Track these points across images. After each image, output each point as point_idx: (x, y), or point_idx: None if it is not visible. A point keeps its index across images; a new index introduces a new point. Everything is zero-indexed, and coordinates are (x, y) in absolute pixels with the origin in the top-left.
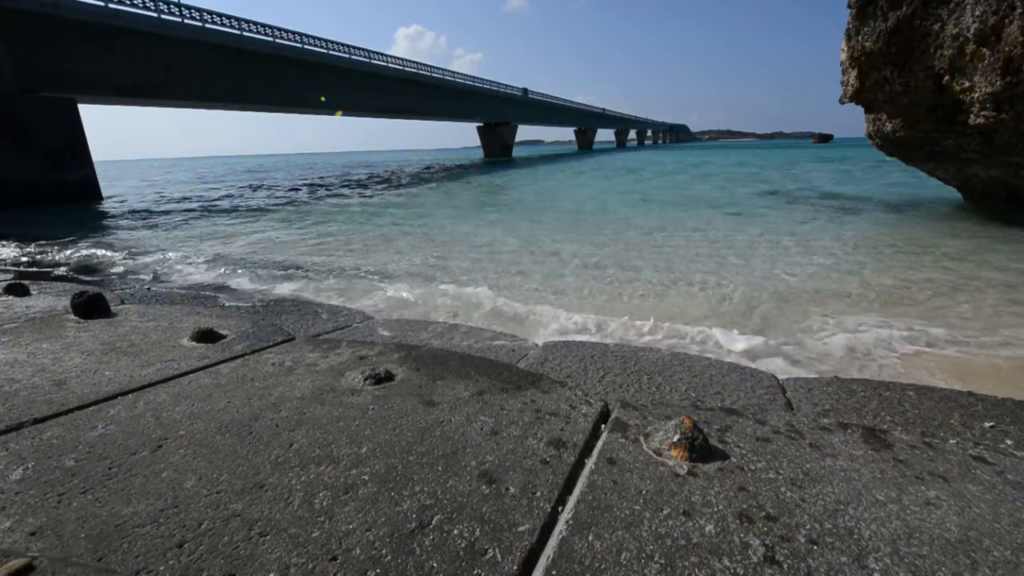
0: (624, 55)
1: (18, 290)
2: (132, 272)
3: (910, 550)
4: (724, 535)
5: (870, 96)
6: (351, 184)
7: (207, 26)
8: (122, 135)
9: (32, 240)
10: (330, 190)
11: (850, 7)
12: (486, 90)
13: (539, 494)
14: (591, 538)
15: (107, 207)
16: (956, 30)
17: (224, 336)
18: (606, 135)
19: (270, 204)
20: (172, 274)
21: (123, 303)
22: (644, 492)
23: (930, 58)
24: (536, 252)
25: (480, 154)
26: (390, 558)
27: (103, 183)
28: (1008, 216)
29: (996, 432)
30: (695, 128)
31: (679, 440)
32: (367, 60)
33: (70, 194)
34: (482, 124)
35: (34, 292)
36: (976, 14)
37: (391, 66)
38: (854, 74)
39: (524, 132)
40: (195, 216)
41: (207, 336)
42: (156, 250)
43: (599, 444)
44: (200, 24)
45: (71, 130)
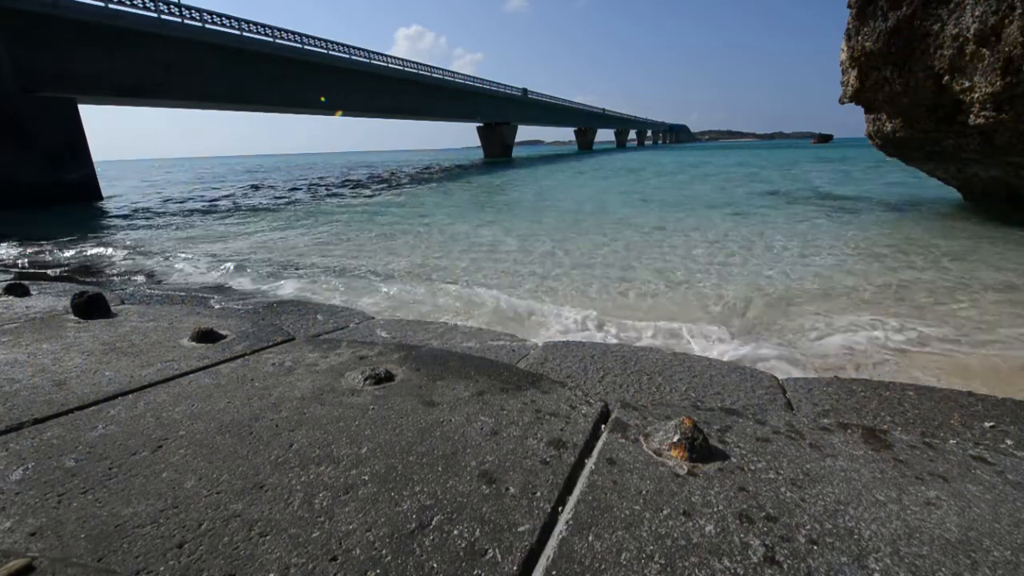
0: (624, 55)
1: (18, 290)
2: (132, 272)
3: (910, 550)
4: (724, 535)
5: (870, 96)
6: (351, 184)
7: (207, 26)
8: (122, 135)
9: (32, 240)
10: (330, 190)
11: (850, 7)
12: (486, 90)
13: (539, 494)
14: (591, 538)
15: (107, 207)
16: (956, 30)
17: (224, 336)
18: (606, 135)
19: (270, 204)
20: (172, 274)
21: (123, 303)
22: (644, 492)
23: (930, 58)
24: (535, 252)
25: (480, 154)
26: (390, 558)
27: (103, 183)
28: (1008, 216)
29: (996, 432)
30: (695, 128)
31: (679, 440)
32: (367, 60)
33: (70, 194)
34: (482, 124)
35: (34, 292)
36: (976, 14)
37: (391, 66)
38: (854, 74)
39: (524, 132)
40: (195, 216)
41: (207, 336)
42: (156, 250)
43: (599, 444)
44: (200, 24)
45: (71, 130)
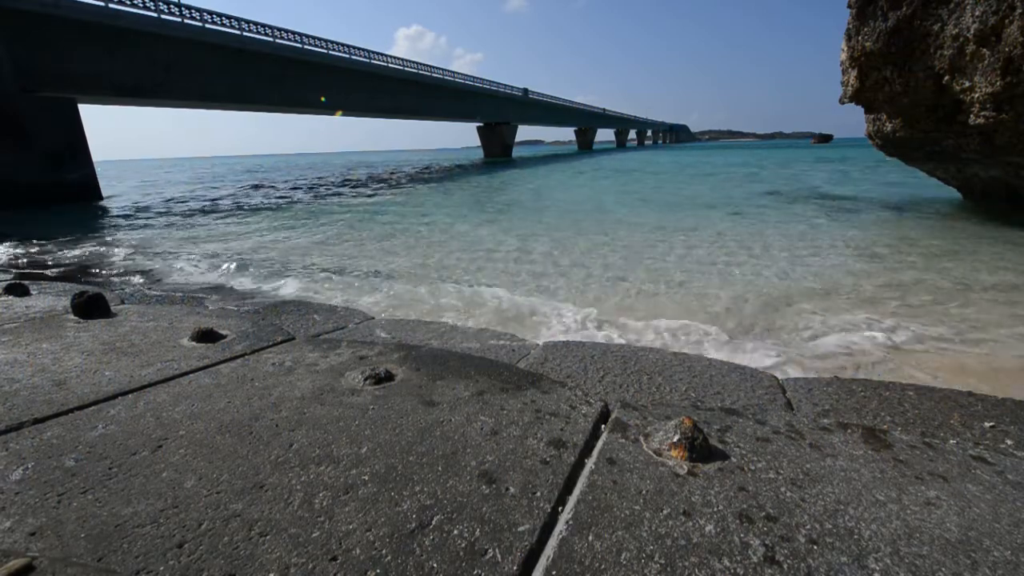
0: (624, 55)
1: (18, 290)
2: (132, 272)
3: (910, 550)
4: (724, 535)
5: (870, 96)
6: (351, 184)
7: (207, 26)
8: (122, 135)
9: (32, 240)
10: (330, 190)
11: (850, 7)
12: (486, 90)
13: (539, 494)
14: (591, 538)
15: (107, 207)
16: (956, 30)
17: (224, 336)
18: (606, 135)
19: (270, 204)
20: (172, 274)
21: (123, 303)
22: (644, 492)
23: (930, 58)
24: (535, 252)
25: (480, 154)
26: (390, 558)
27: (103, 183)
28: (1008, 216)
29: (996, 432)
30: (695, 128)
31: (679, 440)
32: (367, 60)
33: (70, 194)
34: (482, 124)
35: (34, 292)
36: (976, 14)
37: (391, 66)
38: (854, 74)
39: (524, 132)
40: (195, 216)
41: (207, 336)
42: (156, 250)
43: (599, 444)
44: (200, 24)
45: (71, 130)
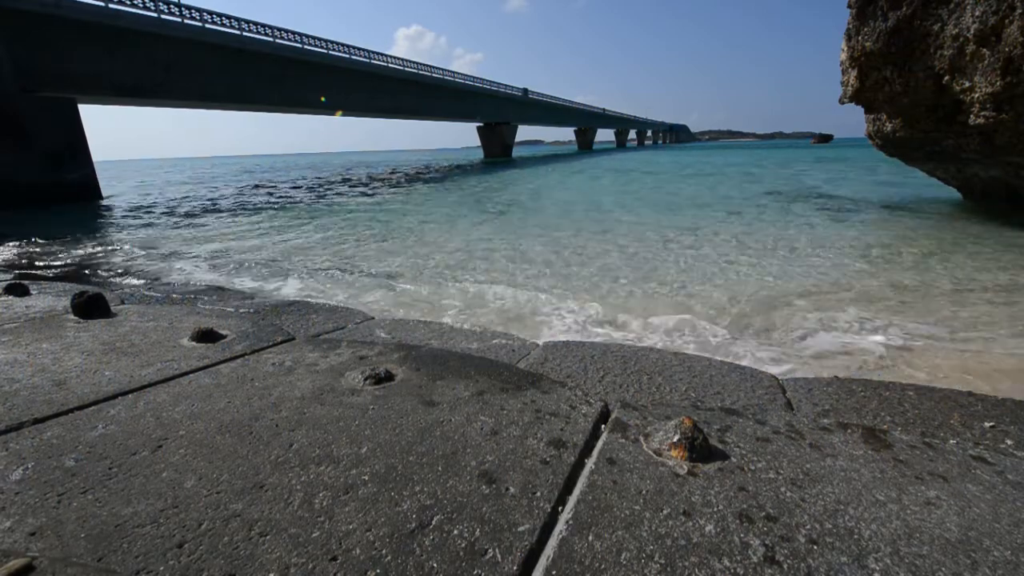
0: (624, 55)
1: (18, 290)
2: (132, 272)
3: (910, 550)
4: (724, 535)
5: (870, 96)
6: (350, 183)
7: (207, 26)
8: (122, 135)
9: (32, 240)
10: (330, 190)
11: (850, 7)
12: (486, 90)
13: (539, 494)
14: (591, 538)
15: (107, 207)
16: (956, 30)
17: (224, 336)
18: (606, 135)
19: (270, 204)
20: (172, 274)
21: (123, 303)
22: (644, 492)
23: (930, 58)
24: (534, 251)
25: (480, 154)
26: (390, 558)
27: (103, 183)
28: (1008, 216)
29: (996, 432)
30: (695, 128)
31: (679, 440)
32: (367, 60)
33: (70, 194)
34: (482, 124)
35: (34, 292)
36: (976, 14)
37: (391, 66)
38: (854, 74)
39: (524, 132)
40: (195, 216)
41: (207, 336)
42: (156, 250)
43: (599, 444)
44: (200, 24)
45: (71, 130)
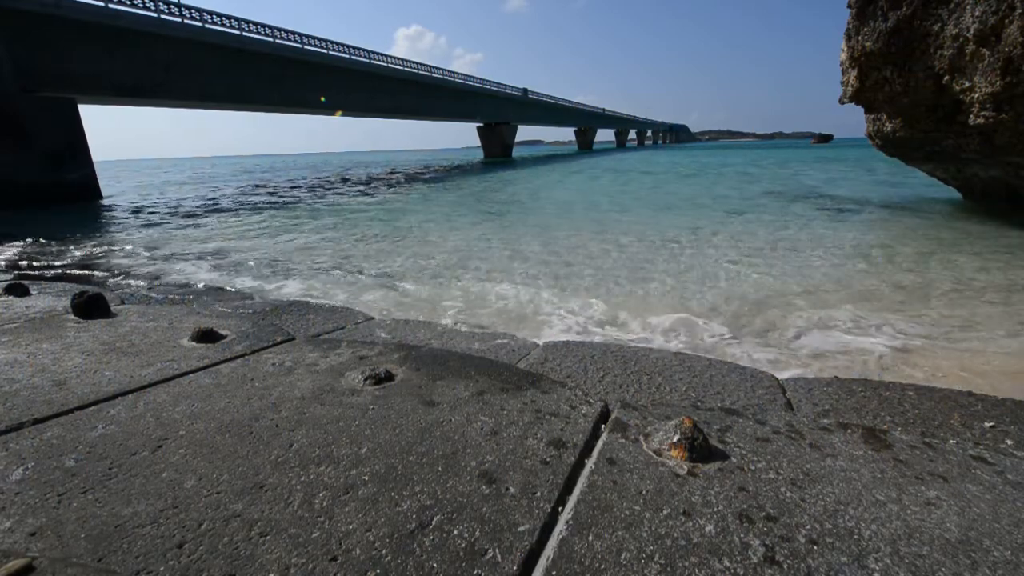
0: (624, 55)
1: (18, 290)
2: (132, 272)
3: (910, 550)
4: (724, 535)
5: (870, 96)
6: (350, 183)
7: (207, 26)
8: (125, 135)
9: (32, 240)
10: (330, 190)
11: (850, 7)
12: (486, 90)
13: (539, 494)
14: (591, 538)
15: (107, 207)
16: (956, 30)
17: (224, 336)
18: (606, 135)
19: (270, 204)
20: (172, 274)
21: (123, 303)
22: (644, 492)
23: (930, 58)
24: (533, 250)
25: (480, 154)
26: (390, 558)
27: (103, 183)
28: (1008, 216)
29: (996, 432)
30: (695, 128)
31: (679, 440)
32: (367, 60)
33: (70, 194)
34: (482, 124)
35: (34, 292)
36: (976, 14)
37: (391, 66)
38: (854, 74)
39: (524, 132)
40: (195, 216)
41: (207, 336)
42: (156, 250)
43: (599, 444)
44: (200, 24)
45: (71, 130)
